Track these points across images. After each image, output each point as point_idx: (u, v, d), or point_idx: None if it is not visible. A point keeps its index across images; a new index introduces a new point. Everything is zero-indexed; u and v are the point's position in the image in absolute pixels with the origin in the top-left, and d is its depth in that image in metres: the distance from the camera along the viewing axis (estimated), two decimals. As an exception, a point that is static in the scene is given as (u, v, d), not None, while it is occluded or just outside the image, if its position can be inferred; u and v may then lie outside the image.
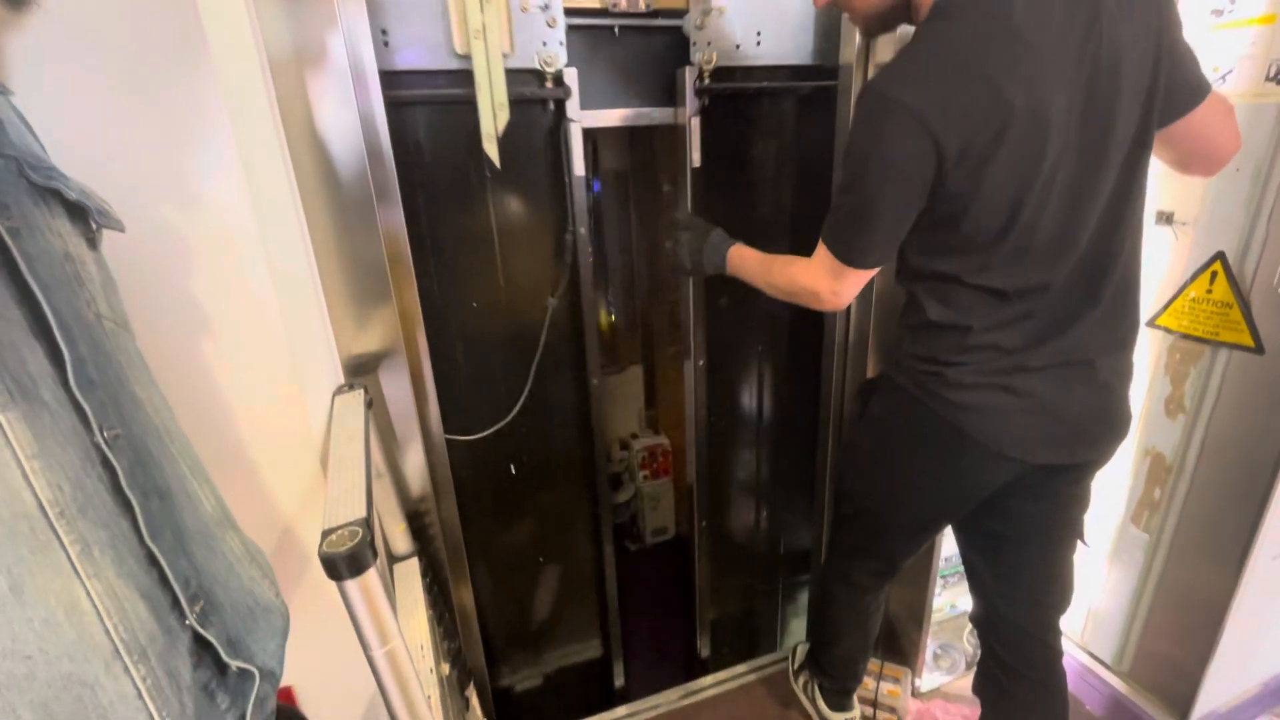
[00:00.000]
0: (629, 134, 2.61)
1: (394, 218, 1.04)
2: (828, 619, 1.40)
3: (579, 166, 1.23)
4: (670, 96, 1.30)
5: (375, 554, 0.54)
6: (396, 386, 1.05)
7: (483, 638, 1.41)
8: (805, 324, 1.54)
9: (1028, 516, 1.07)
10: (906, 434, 1.08)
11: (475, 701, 1.21)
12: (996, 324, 0.93)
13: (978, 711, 1.47)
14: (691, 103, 1.27)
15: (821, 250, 1.00)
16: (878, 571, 1.29)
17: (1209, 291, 1.17)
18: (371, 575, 0.54)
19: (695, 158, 1.33)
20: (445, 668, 0.95)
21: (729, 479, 1.70)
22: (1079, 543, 1.10)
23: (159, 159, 0.72)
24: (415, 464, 1.10)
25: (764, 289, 1.14)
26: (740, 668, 1.68)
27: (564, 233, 1.28)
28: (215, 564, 0.59)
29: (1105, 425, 0.99)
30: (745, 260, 1.17)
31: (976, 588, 1.21)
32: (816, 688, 1.47)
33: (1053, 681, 1.14)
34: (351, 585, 0.53)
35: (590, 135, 3.19)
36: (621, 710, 1.59)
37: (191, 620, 0.53)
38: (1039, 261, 0.90)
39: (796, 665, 1.60)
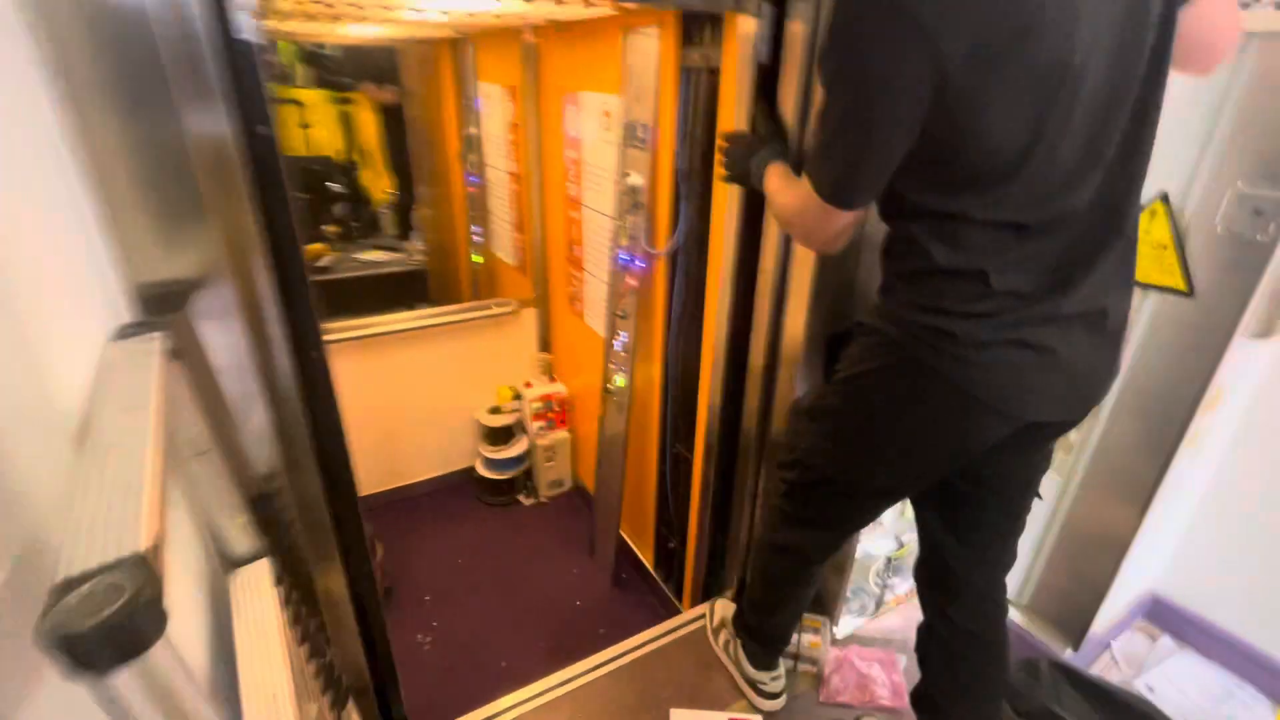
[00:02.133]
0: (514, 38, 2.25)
1: (211, 112, 0.73)
2: (766, 589, 1.30)
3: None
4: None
5: (160, 619, 0.31)
6: (223, 325, 0.76)
7: (365, 629, 1.18)
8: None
9: (1001, 476, 1.01)
10: (894, 395, 0.93)
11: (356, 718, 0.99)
12: (1013, 263, 0.80)
13: (891, 654, 1.48)
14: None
15: (806, 187, 0.85)
16: (830, 543, 1.19)
17: (1147, 233, 1.16)
18: (158, 656, 0.31)
19: (764, 51, 1.16)
20: (313, 708, 0.72)
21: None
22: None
23: None
24: (257, 429, 0.82)
25: (776, 218, 1.03)
26: (663, 626, 1.58)
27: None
28: None
29: (1107, 378, 0.91)
30: (770, 180, 1.02)
31: (931, 549, 1.13)
32: (740, 648, 1.40)
33: (1000, 638, 1.13)
34: (120, 680, 0.30)
35: (466, 41, 2.77)
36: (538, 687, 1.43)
37: None
38: (1064, 185, 0.77)
39: (715, 623, 1.52)
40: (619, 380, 2.03)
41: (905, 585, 1.70)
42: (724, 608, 1.54)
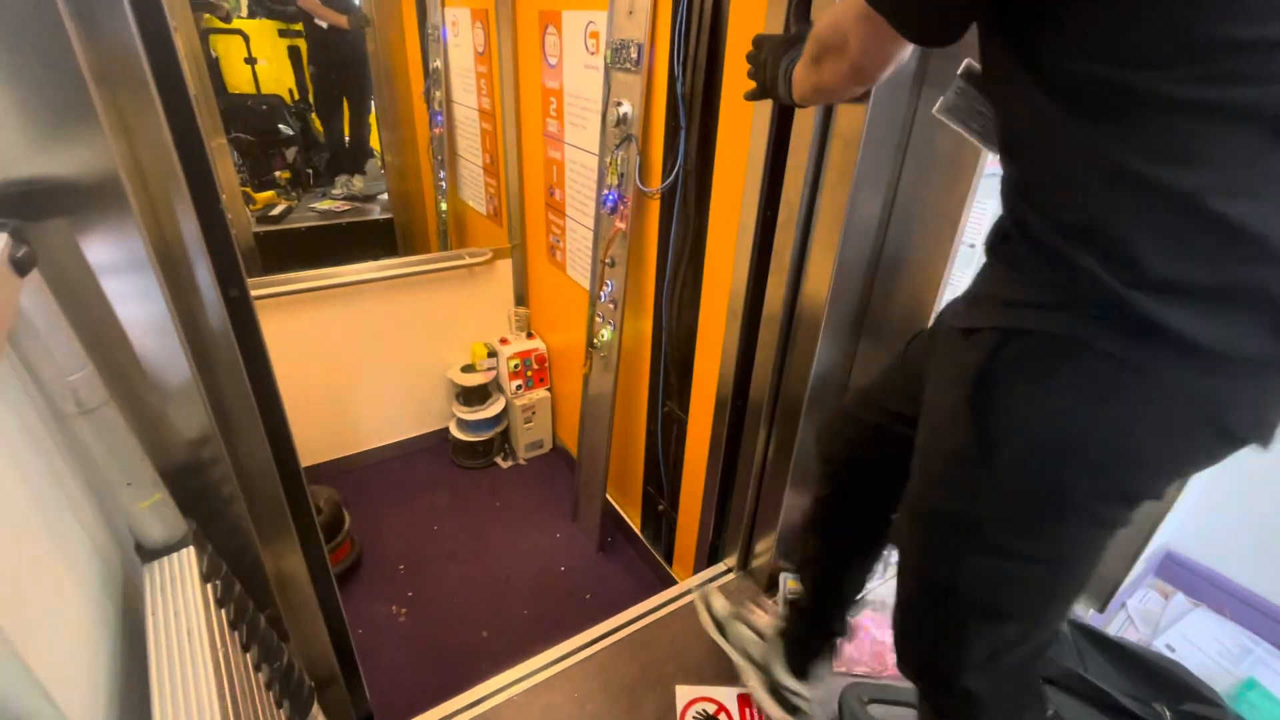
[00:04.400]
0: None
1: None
2: None
3: None
4: None
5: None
6: (121, 242, 0.57)
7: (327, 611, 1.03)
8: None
9: None
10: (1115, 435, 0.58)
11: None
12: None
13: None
14: None
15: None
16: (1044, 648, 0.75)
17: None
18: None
19: None
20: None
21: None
22: None
23: None
24: (176, 378, 0.64)
25: (812, 89, 0.75)
26: (663, 596, 1.47)
27: None
28: None
29: None
30: (797, 71, 0.79)
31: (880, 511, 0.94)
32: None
33: None
34: None
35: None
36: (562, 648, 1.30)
37: None
38: None
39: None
40: (606, 334, 1.88)
41: (912, 546, 1.62)
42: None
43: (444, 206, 3.07)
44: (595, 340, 1.92)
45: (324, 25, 3.41)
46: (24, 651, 0.38)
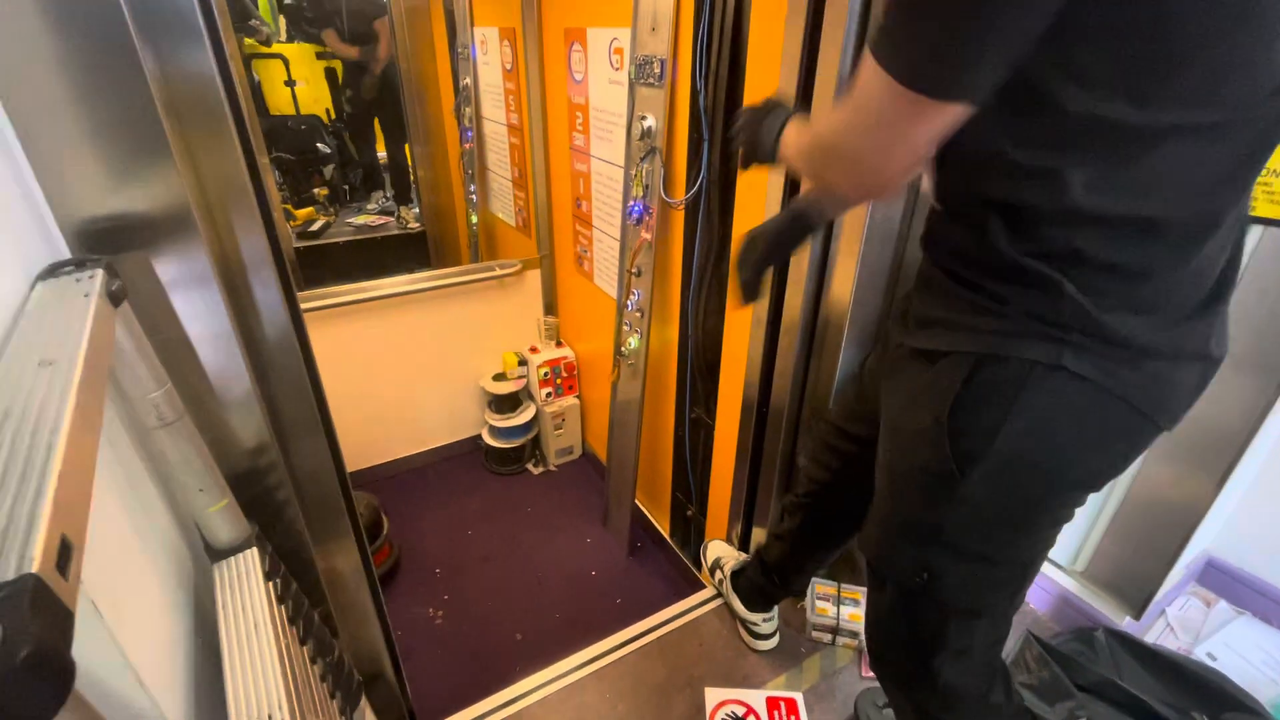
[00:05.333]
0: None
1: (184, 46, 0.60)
2: None
3: None
4: None
5: (61, 677, 0.19)
6: (189, 264, 0.62)
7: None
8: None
9: None
10: (1078, 455, 0.65)
11: (370, 715, 0.90)
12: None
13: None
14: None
15: (873, 76, 0.51)
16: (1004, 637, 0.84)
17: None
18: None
19: None
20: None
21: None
22: None
23: None
24: (237, 390, 0.69)
25: (809, 177, 0.75)
26: (693, 599, 1.49)
27: None
28: None
29: None
30: (788, 133, 0.74)
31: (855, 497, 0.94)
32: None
33: None
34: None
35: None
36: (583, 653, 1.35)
37: None
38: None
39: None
40: (633, 342, 1.92)
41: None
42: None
43: (474, 219, 3.14)
44: (623, 348, 1.96)
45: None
46: (120, 641, 0.42)
